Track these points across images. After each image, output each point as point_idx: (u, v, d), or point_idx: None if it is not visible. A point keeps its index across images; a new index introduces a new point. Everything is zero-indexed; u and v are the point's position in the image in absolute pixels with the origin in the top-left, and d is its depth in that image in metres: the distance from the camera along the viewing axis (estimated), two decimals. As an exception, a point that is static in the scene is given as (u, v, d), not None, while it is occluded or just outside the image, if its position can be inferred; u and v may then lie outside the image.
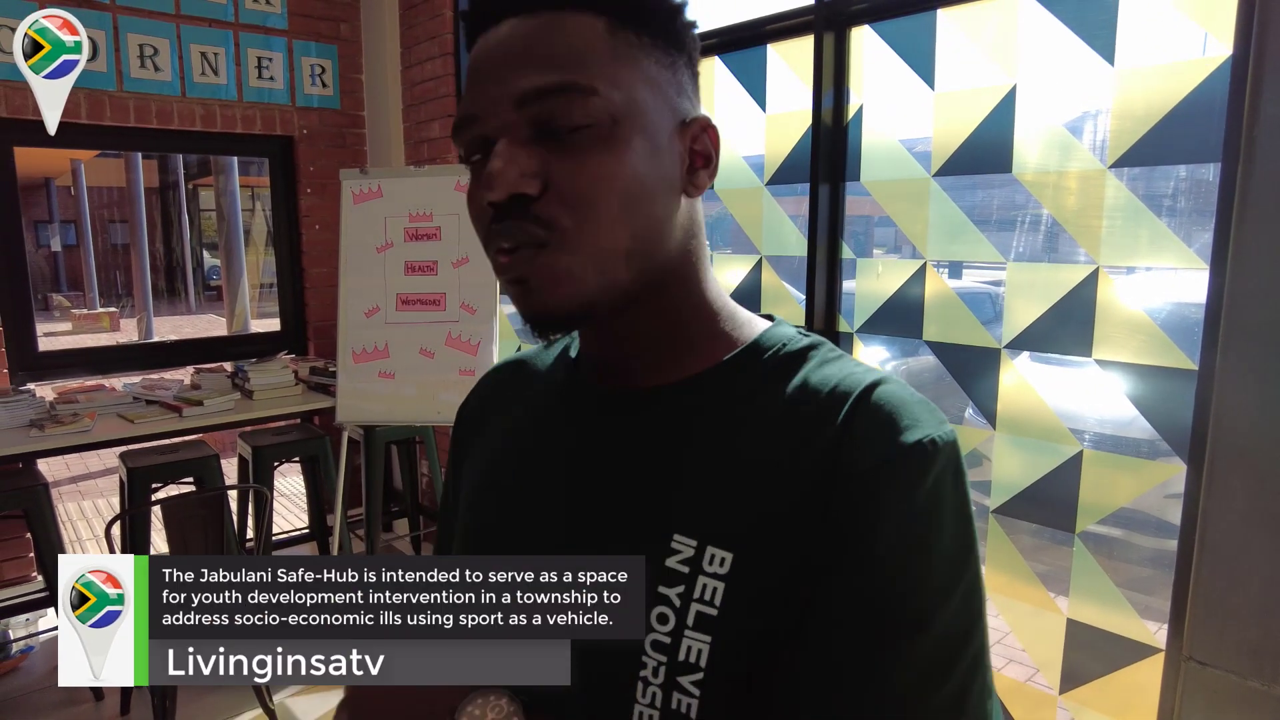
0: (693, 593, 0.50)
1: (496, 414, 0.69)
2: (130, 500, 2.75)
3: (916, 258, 2.02)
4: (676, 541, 0.52)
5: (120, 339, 11.06)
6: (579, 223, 0.50)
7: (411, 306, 3.02)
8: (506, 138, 0.50)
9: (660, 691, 0.51)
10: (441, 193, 3.00)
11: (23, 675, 2.81)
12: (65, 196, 14.30)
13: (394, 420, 3.05)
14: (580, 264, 0.50)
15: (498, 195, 0.49)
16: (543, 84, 0.49)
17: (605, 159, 0.50)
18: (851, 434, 0.50)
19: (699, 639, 0.50)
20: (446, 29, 3.36)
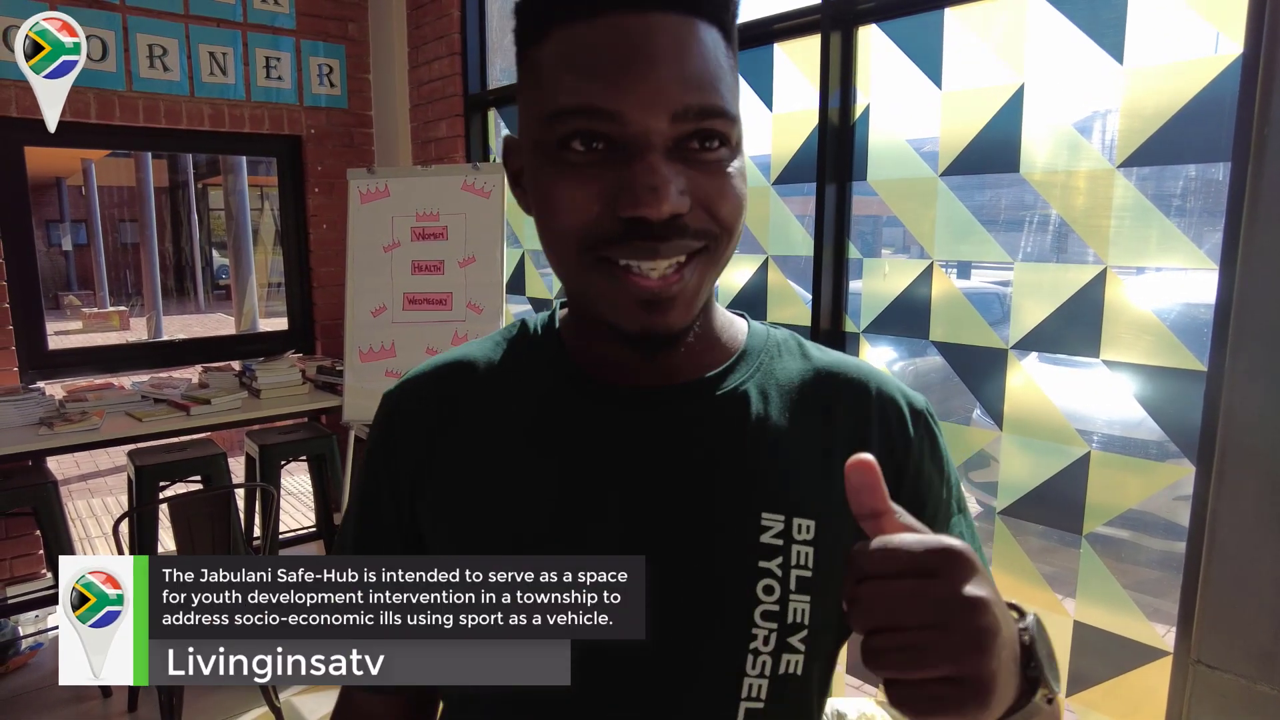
0: (790, 560, 0.56)
1: (466, 421, 0.63)
2: (138, 498, 2.76)
3: (923, 258, 2.01)
4: (766, 519, 0.56)
5: (130, 337, 11.12)
6: (724, 233, 0.52)
7: (418, 306, 3.02)
8: (655, 150, 0.49)
9: (770, 659, 0.55)
10: (448, 192, 3.00)
11: (32, 671, 2.83)
12: (76, 196, 14.38)
13: (400, 419, 3.06)
14: (711, 277, 0.54)
15: (659, 214, 0.48)
16: (705, 104, 0.49)
17: (738, 183, 0.52)
18: (888, 406, 0.62)
19: (801, 600, 0.56)
20: (454, 29, 3.36)
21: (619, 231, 0.50)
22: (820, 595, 0.56)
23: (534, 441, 0.61)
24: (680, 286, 0.51)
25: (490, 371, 0.64)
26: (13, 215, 3.12)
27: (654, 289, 0.50)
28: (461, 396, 0.64)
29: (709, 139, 0.50)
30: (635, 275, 0.50)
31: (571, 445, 0.60)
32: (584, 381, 0.61)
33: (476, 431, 0.62)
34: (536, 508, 0.59)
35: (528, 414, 0.62)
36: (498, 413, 0.62)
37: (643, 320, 0.51)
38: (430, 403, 0.64)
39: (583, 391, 0.61)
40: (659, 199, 0.48)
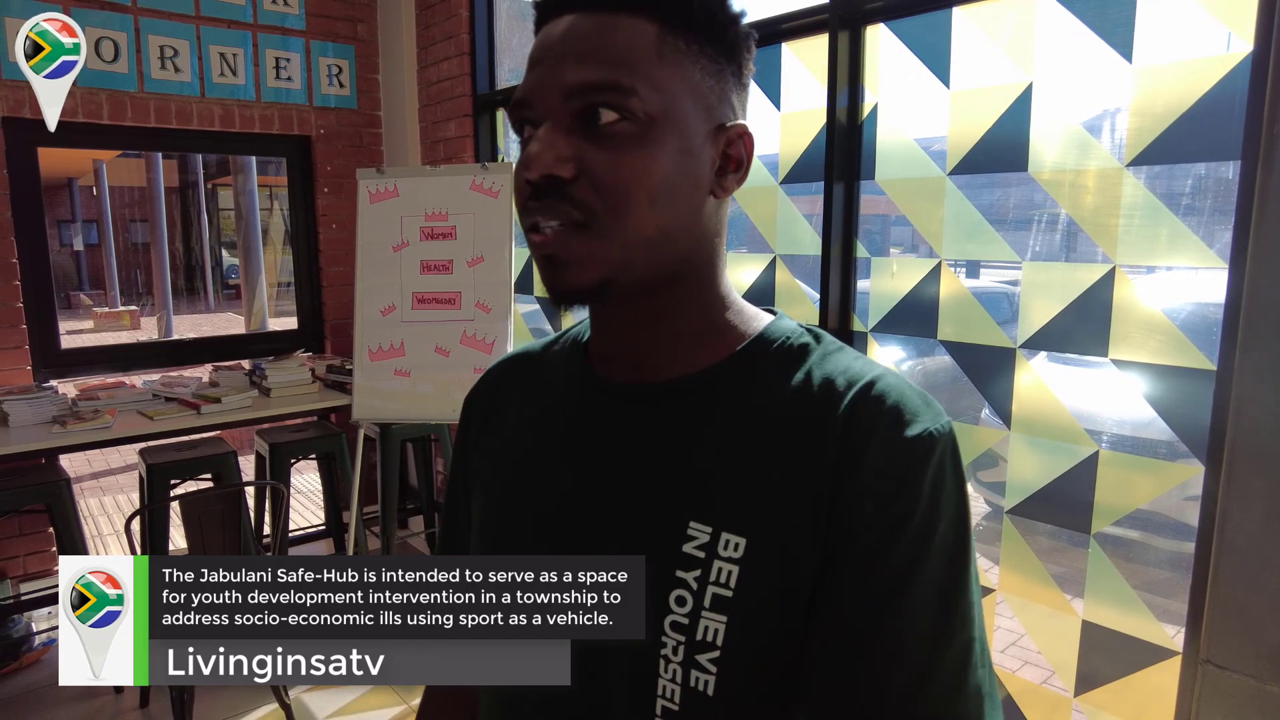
0: (709, 576, 0.53)
1: (506, 408, 0.70)
2: (150, 496, 2.78)
3: (931, 257, 2.01)
4: (692, 528, 0.54)
5: (140, 336, 11.19)
6: (608, 210, 0.53)
7: (427, 305, 3.04)
8: (550, 124, 0.54)
9: (680, 669, 0.54)
10: (457, 192, 3.01)
11: (45, 667, 2.85)
12: (87, 196, 14.48)
13: (409, 418, 3.07)
14: (605, 248, 0.54)
15: (533, 174, 0.53)
16: (588, 79, 0.53)
17: (637, 155, 0.53)
18: (856, 426, 0.53)
19: (715, 619, 0.53)
20: (463, 29, 3.37)
21: (525, 199, 0.55)
22: (742, 619, 0.52)
23: (538, 427, 0.66)
24: (562, 249, 0.54)
25: (534, 362, 0.71)
26: (26, 215, 3.14)
27: (540, 243, 0.54)
28: (512, 384, 0.71)
29: (602, 110, 0.53)
30: (534, 236, 0.55)
31: (559, 437, 0.64)
32: (585, 375, 0.65)
33: (515, 414, 0.69)
34: (522, 494, 0.64)
35: (545, 402, 0.67)
36: (531, 399, 0.68)
37: (545, 276, 0.56)
38: (490, 389, 0.73)
39: (583, 384, 0.65)
40: (532, 161, 0.53)
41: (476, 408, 0.74)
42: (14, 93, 3.04)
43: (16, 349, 3.12)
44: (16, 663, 2.81)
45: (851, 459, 0.52)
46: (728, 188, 0.58)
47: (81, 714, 2.59)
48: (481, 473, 0.69)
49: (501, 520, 0.64)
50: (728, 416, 0.57)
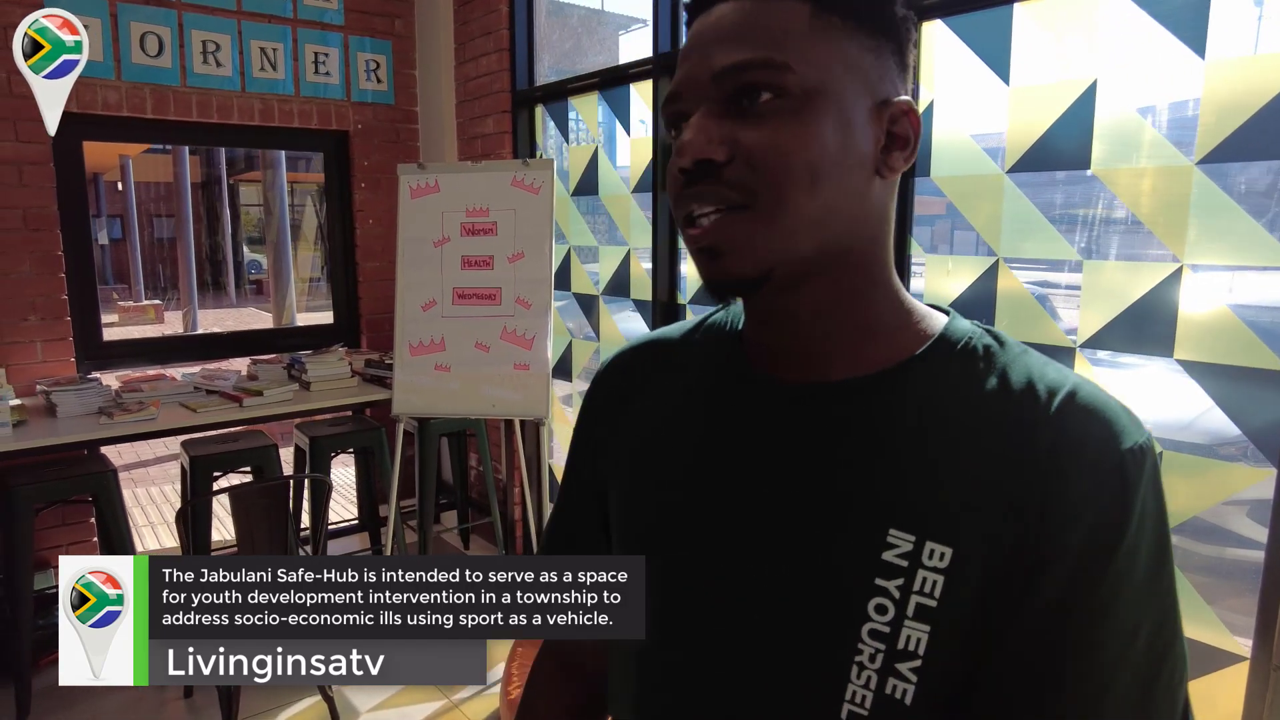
0: (912, 585, 0.52)
1: (641, 397, 0.68)
2: (193, 489, 2.80)
3: (989, 255, 1.99)
4: (893, 536, 0.53)
5: (165, 330, 11.28)
6: (768, 188, 0.52)
7: (467, 301, 3.04)
8: (701, 110, 0.53)
9: (875, 676, 0.53)
10: (498, 188, 3.01)
11: (88, 657, 2.88)
12: (112, 191, 14.62)
13: (449, 413, 3.08)
14: (766, 231, 0.52)
15: (685, 160, 0.52)
16: (738, 59, 0.52)
17: (794, 130, 0.52)
18: (1064, 437, 0.51)
19: (918, 628, 0.52)
20: (502, 24, 3.37)
21: (679, 189, 0.54)
22: (947, 629, 0.51)
23: (692, 425, 0.64)
24: (721, 236, 0.52)
25: (680, 351, 0.69)
26: (72, 209, 3.17)
27: (697, 236, 0.54)
28: (652, 370, 0.69)
29: (753, 91, 0.52)
30: (692, 229, 0.54)
31: (719, 434, 0.61)
32: (744, 372, 0.62)
33: (654, 404, 0.67)
34: (677, 488, 0.62)
35: (694, 394, 0.65)
36: (673, 389, 0.67)
37: (704, 268, 0.55)
38: (624, 373, 0.72)
39: (740, 381, 0.62)
40: (685, 148, 0.52)
41: (605, 395, 0.72)
42: (61, 87, 3.06)
43: (61, 341, 3.15)
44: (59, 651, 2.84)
45: (1060, 471, 0.50)
46: (895, 166, 0.56)
47: (124, 702, 2.61)
48: (620, 465, 0.68)
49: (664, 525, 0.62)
50: (918, 420, 0.55)
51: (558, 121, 3.39)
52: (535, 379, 2.98)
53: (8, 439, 2.52)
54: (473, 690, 2.66)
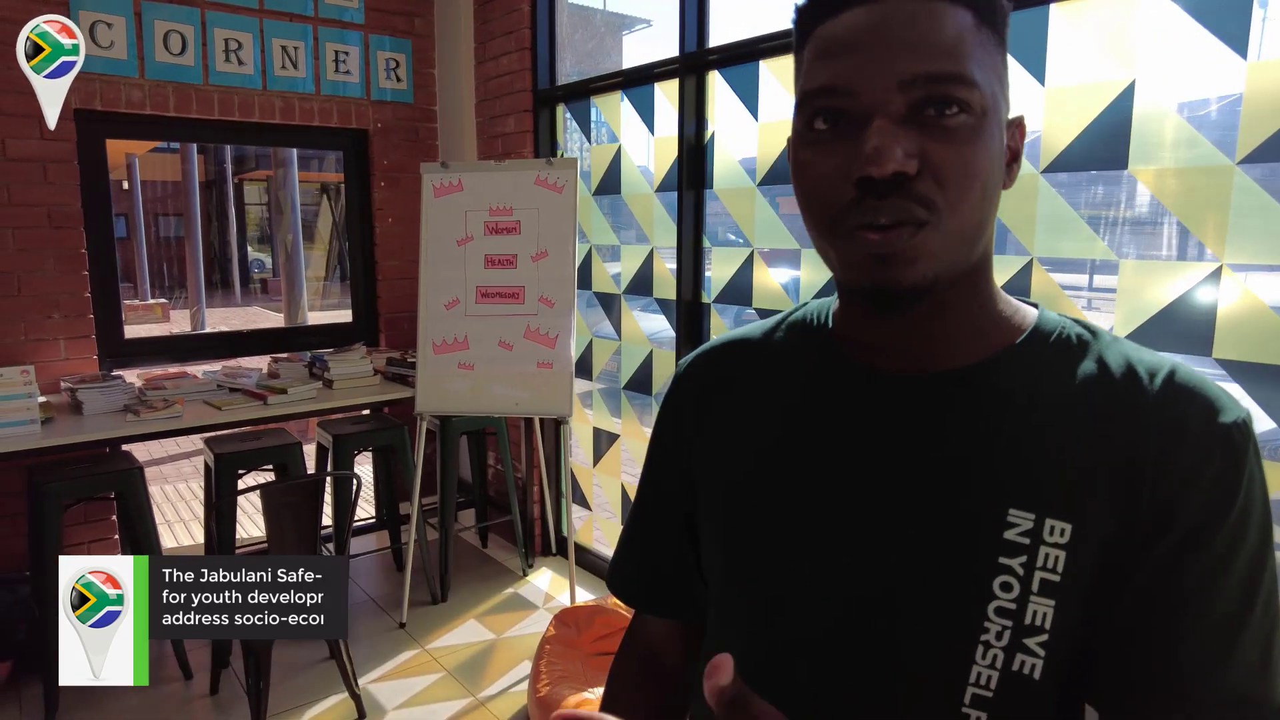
0: (1035, 561, 0.54)
1: (727, 398, 0.69)
2: (218, 486, 2.81)
3: (1022, 254, 2.00)
4: (1014, 515, 0.55)
5: (172, 329, 11.29)
6: (949, 205, 0.53)
7: (491, 299, 3.05)
8: (885, 116, 0.52)
9: (1002, 654, 0.54)
10: (521, 187, 3.02)
11: (112, 654, 2.88)
12: (117, 190, 14.61)
13: (473, 411, 3.09)
14: (941, 243, 0.53)
15: (882, 171, 0.51)
16: (933, 70, 0.52)
17: (976, 147, 0.53)
18: (1169, 414, 0.54)
19: (1044, 603, 0.54)
20: (523, 23, 3.37)
21: (852, 197, 0.53)
22: (1070, 603, 0.54)
23: (791, 417, 0.65)
24: (905, 245, 0.53)
25: (764, 349, 0.70)
26: (95, 207, 3.18)
27: (875, 242, 0.53)
28: (737, 369, 0.70)
29: (945, 105, 0.52)
30: (864, 231, 0.53)
31: (826, 425, 0.63)
32: (845, 365, 0.63)
33: (744, 402, 0.68)
34: (786, 481, 0.63)
35: (790, 391, 0.66)
36: (764, 387, 0.68)
37: (873, 275, 0.54)
38: (710, 372, 0.72)
39: (842, 374, 0.63)
40: (882, 157, 0.51)
41: (690, 394, 0.73)
42: (85, 85, 3.07)
43: (84, 338, 3.16)
44: (86, 648, 2.85)
45: (1168, 447, 0.53)
46: (1012, 179, 0.59)
47: (150, 700, 2.61)
48: (713, 463, 0.68)
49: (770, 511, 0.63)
50: (1026, 404, 0.57)
51: (580, 121, 3.39)
52: (559, 378, 2.98)
53: (37, 436, 2.53)
54: (500, 688, 2.67)
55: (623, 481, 3.35)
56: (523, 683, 2.68)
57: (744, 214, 2.64)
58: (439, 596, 3.27)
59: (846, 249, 0.55)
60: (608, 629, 2.59)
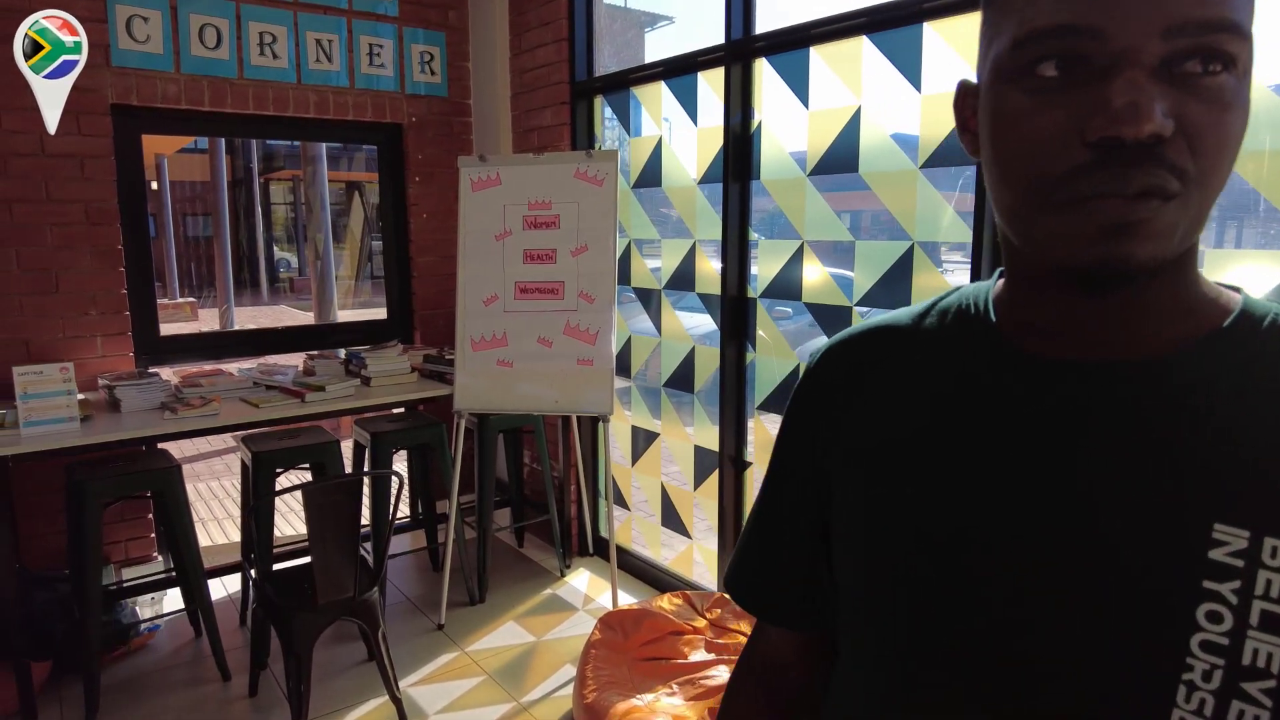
0: (1253, 589, 0.44)
1: (867, 392, 0.62)
2: (255, 484, 2.77)
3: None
4: (1220, 532, 0.45)
5: (201, 328, 11.36)
6: (1200, 176, 0.44)
7: (530, 295, 2.99)
8: (1137, 67, 0.43)
9: (1211, 699, 0.45)
10: (561, 180, 2.95)
11: (151, 653, 2.86)
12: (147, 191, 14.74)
13: (512, 409, 3.03)
14: (1183, 217, 0.45)
15: (1138, 132, 0.42)
16: (1207, 17, 0.43)
17: (1236, 113, 0.45)
18: None
19: (1267, 640, 0.44)
20: (560, 15, 3.31)
21: (1086, 160, 0.45)
22: None
23: (946, 411, 0.57)
24: (1148, 217, 0.44)
25: (912, 337, 0.62)
26: (131, 204, 3.15)
27: (1118, 212, 0.44)
28: (880, 360, 0.62)
29: (1211, 59, 0.43)
30: (1100, 200, 0.45)
31: (990, 420, 0.54)
32: (1011, 354, 0.55)
33: (889, 395, 0.60)
34: (941, 482, 0.55)
35: (943, 382, 0.58)
36: (913, 379, 0.60)
37: (1102, 250, 0.45)
38: (847, 364, 0.65)
39: (1007, 364, 0.55)
40: (1139, 116, 0.42)
41: (826, 388, 0.65)
42: (121, 79, 3.05)
43: (120, 335, 3.13)
44: (125, 646, 2.82)
45: None
46: None
47: (189, 701, 2.58)
48: (856, 464, 0.61)
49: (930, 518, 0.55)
50: (1236, 399, 0.48)
51: (618, 112, 3.32)
52: (599, 375, 2.92)
53: (76, 434, 2.50)
54: (543, 692, 2.61)
55: (662, 481, 3.28)
56: (566, 687, 2.62)
57: (793, 206, 2.56)
58: (477, 597, 3.22)
59: (1069, 221, 0.46)
60: (655, 633, 2.52)
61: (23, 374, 2.42)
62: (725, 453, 2.89)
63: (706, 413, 3.04)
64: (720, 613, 2.68)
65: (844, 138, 2.38)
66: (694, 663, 2.44)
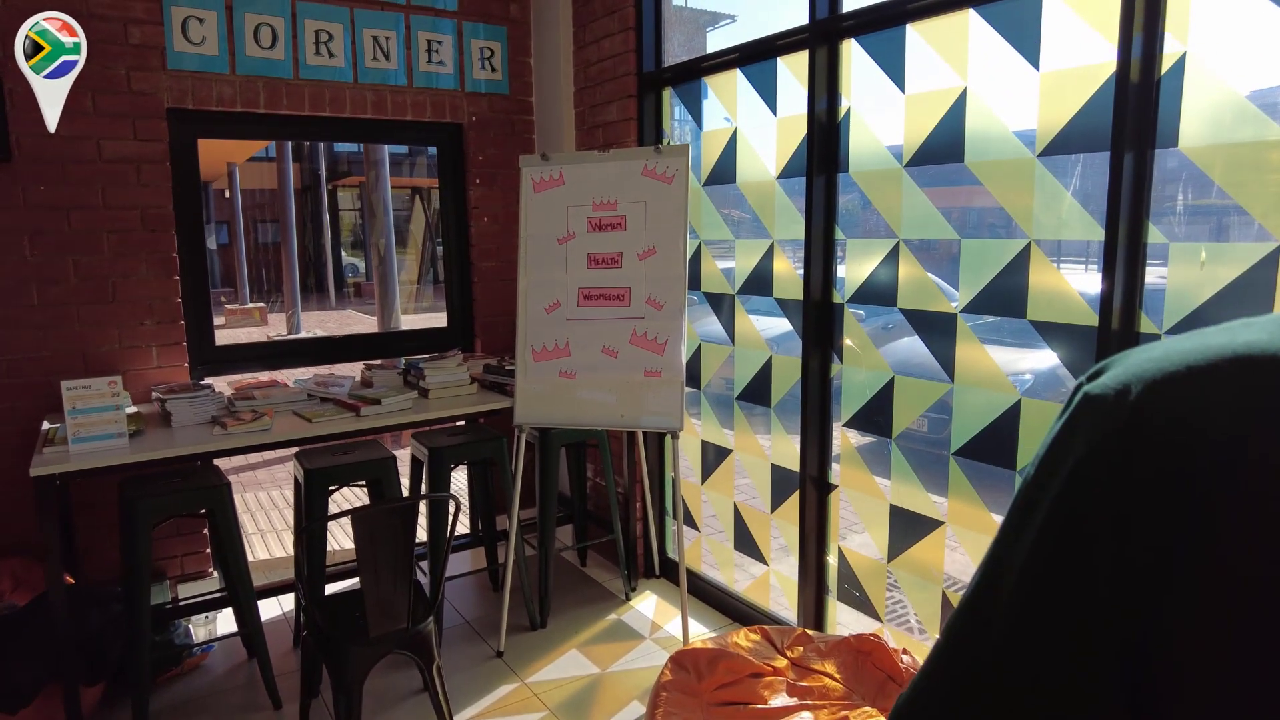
0: None
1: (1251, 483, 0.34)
2: (308, 501, 2.63)
3: (1266, 240, 1.60)
4: None
5: (270, 332, 11.55)
6: None
7: (594, 302, 2.79)
8: None
9: None
10: (628, 179, 2.75)
11: (206, 674, 2.75)
12: (219, 199, 15.14)
13: (575, 423, 2.83)
14: None
15: None
16: None
17: None
18: None
19: None
20: (628, 2, 3.11)
21: None
22: None
23: None
24: None
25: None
26: (186, 210, 3.06)
27: None
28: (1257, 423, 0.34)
29: None
30: None
31: None
32: None
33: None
34: None
35: None
36: None
37: None
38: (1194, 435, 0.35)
39: None
40: None
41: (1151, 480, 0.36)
42: (177, 83, 2.96)
43: (175, 345, 3.05)
44: (178, 668, 2.72)
45: None
46: None
47: (241, 727, 2.46)
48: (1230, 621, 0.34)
49: None
50: None
51: (689, 105, 3.10)
52: (668, 387, 2.70)
53: (124, 451, 2.39)
54: (610, 735, 2.40)
55: (735, 501, 3.05)
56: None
57: (888, 201, 2.30)
58: (538, 621, 3.03)
59: None
60: (731, 675, 2.28)
61: (71, 388, 2.33)
62: (807, 473, 2.64)
63: (785, 428, 2.80)
64: (803, 651, 2.43)
65: (947, 124, 2.11)
66: (775, 708, 2.20)
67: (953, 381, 2.19)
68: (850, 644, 2.37)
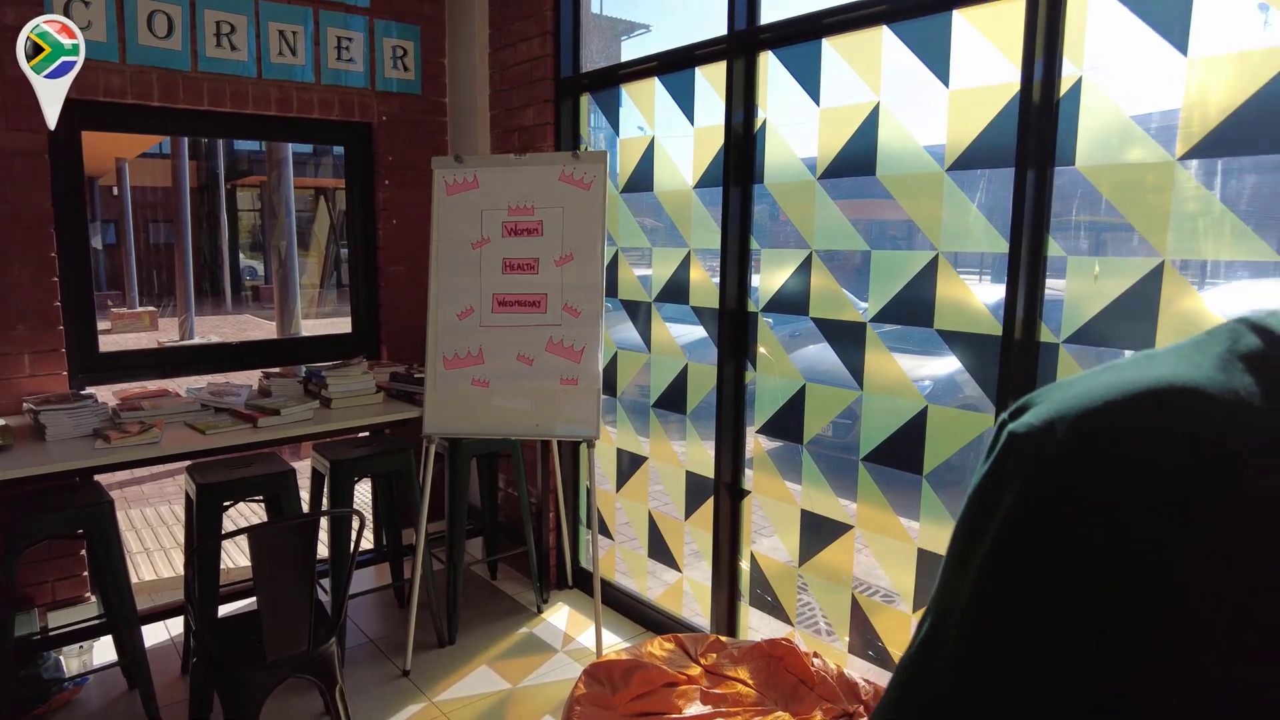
0: None
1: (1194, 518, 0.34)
2: (200, 518, 2.47)
3: (1150, 255, 1.69)
4: None
5: (160, 338, 10.93)
6: None
7: (509, 308, 2.73)
8: None
9: None
10: (544, 183, 2.71)
11: (76, 710, 2.54)
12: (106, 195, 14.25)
13: (489, 432, 2.76)
14: None
15: None
16: None
17: None
18: None
19: None
20: (546, 7, 3.07)
21: None
22: None
23: None
24: None
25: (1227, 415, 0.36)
26: (68, 206, 2.85)
27: None
28: (1194, 463, 0.35)
29: None
30: None
31: None
32: None
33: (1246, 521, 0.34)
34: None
35: None
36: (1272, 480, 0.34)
37: None
38: (1139, 478, 0.36)
39: None
40: None
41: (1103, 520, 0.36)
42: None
43: (52, 352, 2.82)
44: (45, 705, 2.50)
45: None
46: None
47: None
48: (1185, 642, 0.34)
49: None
50: None
51: (606, 112, 3.09)
52: (585, 395, 2.66)
53: (-11, 464, 2.18)
54: (523, 754, 2.33)
55: (650, 509, 3.03)
56: (548, 747, 2.34)
57: (802, 212, 2.33)
58: (446, 638, 2.94)
59: None
60: (646, 686, 2.26)
61: (-72, 396, 2.12)
62: (721, 479, 2.65)
63: (700, 435, 2.80)
64: (716, 658, 2.43)
65: (860, 137, 2.16)
66: (689, 717, 2.19)
67: (861, 389, 2.23)
68: (763, 649, 2.38)
